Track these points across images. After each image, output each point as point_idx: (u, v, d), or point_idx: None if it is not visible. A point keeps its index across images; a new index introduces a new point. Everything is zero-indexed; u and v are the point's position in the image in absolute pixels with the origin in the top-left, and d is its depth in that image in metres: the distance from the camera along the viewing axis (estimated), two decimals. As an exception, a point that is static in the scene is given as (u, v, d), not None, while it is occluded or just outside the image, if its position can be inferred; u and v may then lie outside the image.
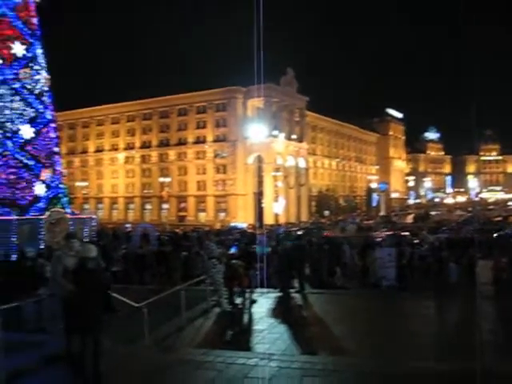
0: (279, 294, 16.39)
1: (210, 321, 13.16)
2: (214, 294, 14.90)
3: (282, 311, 14.22)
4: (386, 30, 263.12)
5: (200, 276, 15.81)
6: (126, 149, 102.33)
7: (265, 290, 16.45)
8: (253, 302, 15.02)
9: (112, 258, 18.02)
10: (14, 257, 12.70)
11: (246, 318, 13.74)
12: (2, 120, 28.18)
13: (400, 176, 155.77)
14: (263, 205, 75.08)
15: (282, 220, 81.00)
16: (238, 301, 14.74)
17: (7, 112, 28.34)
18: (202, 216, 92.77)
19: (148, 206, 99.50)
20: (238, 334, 12.42)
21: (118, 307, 9.71)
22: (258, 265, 16.16)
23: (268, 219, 75.68)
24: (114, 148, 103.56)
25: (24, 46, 29.50)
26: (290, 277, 17.29)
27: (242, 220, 78.69)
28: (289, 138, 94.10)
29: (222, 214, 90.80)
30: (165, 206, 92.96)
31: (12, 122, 28.43)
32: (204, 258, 17.79)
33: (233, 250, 16.43)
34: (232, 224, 69.53)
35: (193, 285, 14.34)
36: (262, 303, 15.07)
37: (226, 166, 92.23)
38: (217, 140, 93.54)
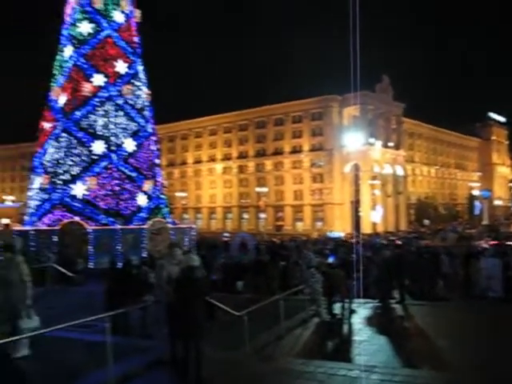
0: (378, 305, 16.05)
1: (309, 331, 13.09)
2: (313, 303, 14.82)
3: (381, 322, 13.91)
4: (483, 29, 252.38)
5: (298, 286, 15.78)
6: (223, 159, 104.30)
7: (363, 300, 16.17)
8: (352, 312, 14.80)
9: (211, 266, 18.36)
10: (119, 264, 13.26)
11: (345, 328, 13.56)
12: (107, 134, 29.56)
13: (504, 183, 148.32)
14: (360, 214, 74.05)
15: (379, 229, 79.44)
16: (337, 311, 14.57)
17: (111, 127, 29.71)
18: (299, 225, 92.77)
19: (245, 216, 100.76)
20: (338, 344, 12.26)
21: (219, 315, 9.89)
22: (355, 275, 15.92)
23: (366, 228, 74.50)
24: (212, 159, 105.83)
25: (126, 64, 30.90)
26: (389, 287, 16.91)
27: (340, 229, 77.99)
28: (386, 146, 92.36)
29: (319, 224, 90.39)
30: (262, 215, 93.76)
31: (116, 136, 29.77)
32: (302, 267, 17.76)
33: (331, 260, 16.26)
34: (329, 233, 69.04)
35: (291, 294, 14.32)
36: (362, 313, 14.82)
37: (322, 175, 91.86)
38: (313, 149, 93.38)
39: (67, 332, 9.27)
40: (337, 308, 14.62)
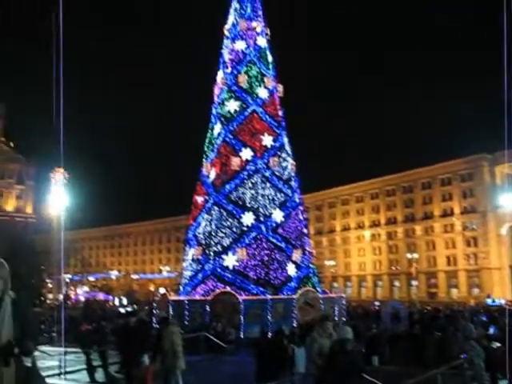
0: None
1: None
2: (474, 379, 13.70)
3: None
4: None
5: (457, 359, 14.72)
6: (371, 226, 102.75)
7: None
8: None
9: (363, 337, 17.79)
10: (269, 334, 13.31)
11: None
12: (256, 206, 30.42)
13: None
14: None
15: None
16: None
17: (260, 198, 30.56)
18: (454, 292, 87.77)
19: (396, 283, 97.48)
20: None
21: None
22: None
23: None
24: (360, 226, 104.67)
25: (272, 137, 31.95)
26: None
27: (499, 296, 72.55)
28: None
29: (476, 290, 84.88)
30: (414, 282, 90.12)
31: (264, 207, 30.53)
32: (460, 338, 16.60)
33: (491, 331, 15.08)
34: (488, 301, 64.46)
35: (449, 369, 13.36)
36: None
37: (476, 238, 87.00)
38: (464, 211, 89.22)
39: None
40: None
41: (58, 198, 34.37)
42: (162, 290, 36.67)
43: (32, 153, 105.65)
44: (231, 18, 34.39)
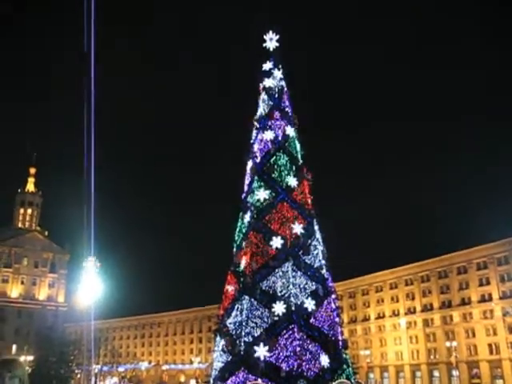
0: None
1: None
2: None
3: None
4: None
5: None
6: (406, 313, 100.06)
7: None
8: None
9: None
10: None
11: None
12: (287, 295, 29.99)
13: None
14: None
15: None
16: None
17: (291, 287, 30.18)
18: (499, 383, 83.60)
19: (436, 374, 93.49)
20: None
21: None
22: None
23: None
24: (395, 313, 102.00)
25: (302, 225, 31.95)
26: None
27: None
28: None
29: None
30: (454, 372, 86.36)
31: (296, 296, 30.09)
32: None
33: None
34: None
35: None
36: None
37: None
38: (503, 296, 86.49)
39: None
40: None
41: (90, 287, 34.43)
42: (192, 382, 35.71)
43: (65, 241, 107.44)
44: (260, 109, 35.47)
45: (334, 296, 32.84)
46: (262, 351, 28.97)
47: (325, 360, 29.41)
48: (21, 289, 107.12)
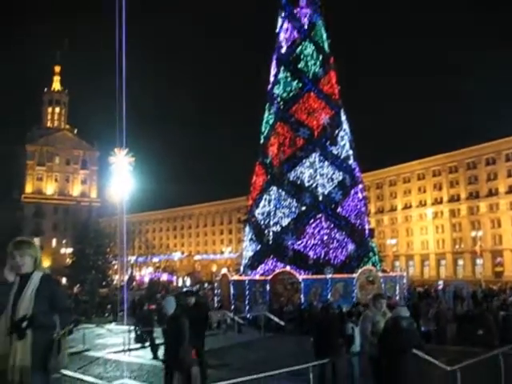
0: None
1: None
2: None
3: None
4: None
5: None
6: (433, 204, 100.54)
7: None
8: None
9: (423, 317, 17.61)
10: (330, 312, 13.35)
11: None
12: (314, 185, 30.33)
13: None
14: None
15: None
16: None
17: (318, 177, 30.44)
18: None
19: (460, 262, 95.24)
20: None
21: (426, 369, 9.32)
22: None
23: None
24: (422, 204, 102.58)
25: (329, 116, 31.69)
26: None
27: None
28: None
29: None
30: (479, 261, 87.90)
31: (323, 186, 30.41)
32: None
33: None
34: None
35: None
36: None
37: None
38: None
39: (277, 380, 9.48)
40: None
41: (121, 181, 35.17)
42: (223, 271, 37.12)
43: (94, 139, 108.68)
44: (286, -3, 34.12)
45: (360, 186, 33.08)
46: (290, 240, 29.79)
47: (351, 248, 30.16)
48: (55, 186, 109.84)
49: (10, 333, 4.13)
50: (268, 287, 27.87)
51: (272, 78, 33.54)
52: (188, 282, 70.57)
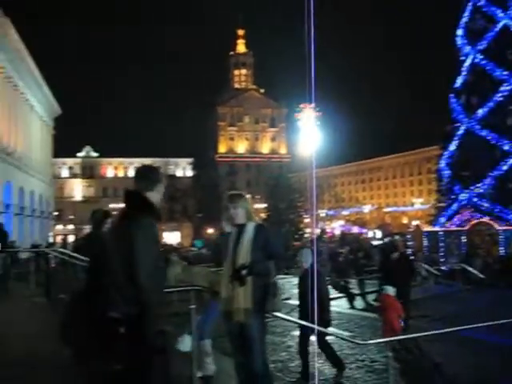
0: None
1: None
2: None
3: None
4: None
5: None
6: None
7: None
8: None
9: None
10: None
11: None
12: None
13: None
14: None
15: None
16: None
17: None
18: None
19: None
20: None
21: None
22: None
23: None
24: None
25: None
26: None
27: None
28: None
29: None
30: None
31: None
32: None
33: None
34: None
35: None
36: None
37: None
38: None
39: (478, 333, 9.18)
40: None
41: (309, 136, 35.64)
42: (415, 223, 36.17)
43: (281, 97, 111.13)
44: None
45: None
46: (487, 189, 28.22)
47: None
48: (246, 144, 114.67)
49: (232, 279, 4.63)
50: (464, 238, 26.81)
51: (461, 18, 31.33)
52: (379, 234, 70.16)
